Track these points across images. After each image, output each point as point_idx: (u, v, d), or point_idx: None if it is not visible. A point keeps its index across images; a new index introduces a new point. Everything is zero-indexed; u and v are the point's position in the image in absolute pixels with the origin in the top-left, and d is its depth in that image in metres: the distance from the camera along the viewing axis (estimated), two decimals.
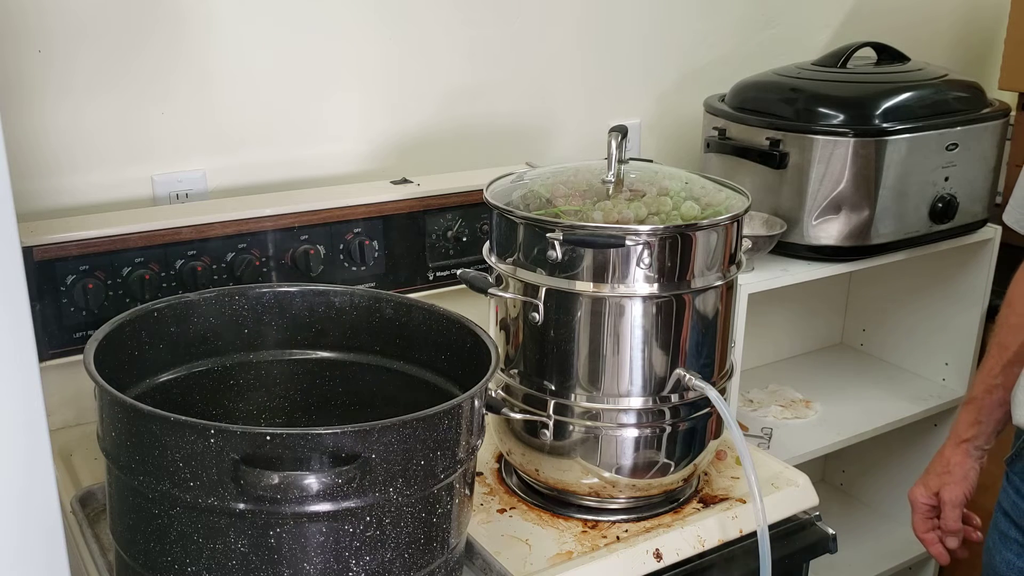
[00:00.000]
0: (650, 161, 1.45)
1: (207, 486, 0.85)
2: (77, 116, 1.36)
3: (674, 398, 1.17)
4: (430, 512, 0.94)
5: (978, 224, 1.86)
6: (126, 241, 1.29)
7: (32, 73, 1.31)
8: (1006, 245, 1.88)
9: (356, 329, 1.18)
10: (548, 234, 1.11)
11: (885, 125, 1.65)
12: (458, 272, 1.24)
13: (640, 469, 1.19)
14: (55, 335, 1.27)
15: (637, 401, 1.16)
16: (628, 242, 1.09)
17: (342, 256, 1.44)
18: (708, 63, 1.94)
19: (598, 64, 1.81)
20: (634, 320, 1.13)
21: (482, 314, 1.21)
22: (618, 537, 1.18)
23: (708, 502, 1.25)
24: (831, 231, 1.69)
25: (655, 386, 1.16)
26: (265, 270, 1.39)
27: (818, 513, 1.29)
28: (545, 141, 1.78)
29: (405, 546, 0.92)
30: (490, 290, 1.18)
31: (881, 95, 1.68)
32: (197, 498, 0.86)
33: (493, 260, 1.21)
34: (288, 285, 1.18)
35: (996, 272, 1.96)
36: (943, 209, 1.75)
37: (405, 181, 1.54)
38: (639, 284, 1.12)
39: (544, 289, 1.14)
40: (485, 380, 0.98)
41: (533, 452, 1.21)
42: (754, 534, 1.14)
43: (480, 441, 1.00)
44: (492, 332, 1.22)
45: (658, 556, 1.15)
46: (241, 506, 0.85)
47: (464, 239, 1.54)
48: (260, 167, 1.51)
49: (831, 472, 2.40)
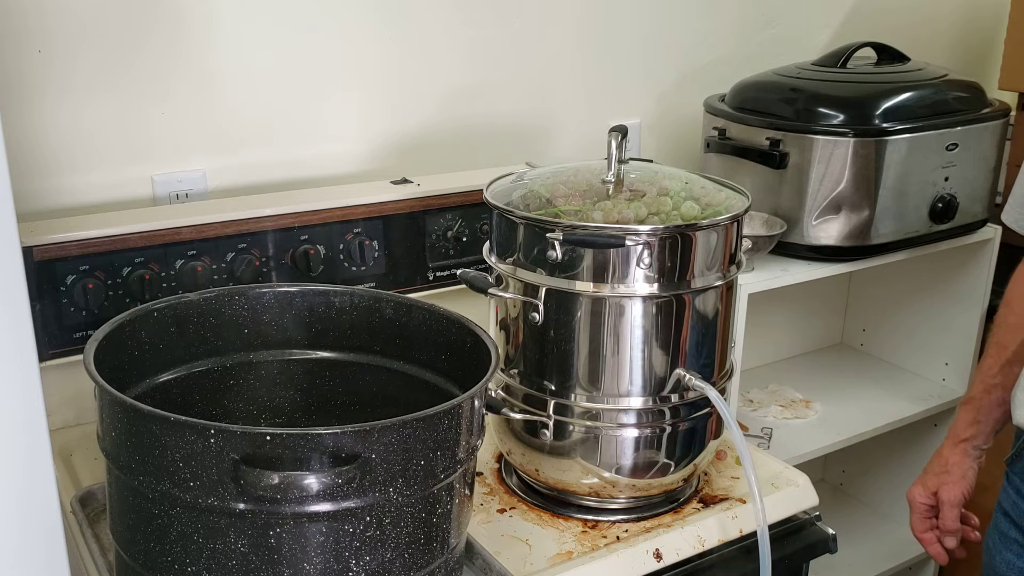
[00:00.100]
0: (650, 161, 1.45)
1: (207, 486, 0.85)
2: (77, 116, 1.36)
3: (674, 398, 1.17)
4: (430, 512, 0.94)
5: (978, 224, 1.86)
6: (126, 241, 1.29)
7: (32, 73, 1.31)
8: (1006, 245, 1.88)
9: (356, 329, 1.18)
10: (548, 234, 1.11)
11: (885, 125, 1.65)
12: (458, 272, 1.24)
13: (640, 469, 1.19)
14: (55, 335, 1.27)
15: (637, 401, 1.16)
16: (628, 242, 1.09)
17: (342, 256, 1.44)
18: (708, 63, 1.94)
19: (598, 64, 1.81)
20: (634, 320, 1.13)
21: (482, 314, 1.21)
22: (618, 537, 1.18)
23: (708, 502, 1.25)
24: (831, 231, 1.69)
25: (655, 386, 1.16)
26: (265, 270, 1.39)
27: (818, 513, 1.29)
28: (545, 141, 1.78)
29: (405, 546, 0.92)
30: (490, 290, 1.18)
31: (881, 95, 1.68)
32: (197, 498, 0.86)
33: (493, 260, 1.21)
34: (288, 285, 1.18)
35: (996, 272, 1.96)
36: (943, 209, 1.75)
37: (405, 181, 1.54)
38: (639, 284, 1.12)
39: (544, 289, 1.14)
40: (485, 380, 0.98)
41: (533, 452, 1.21)
42: (754, 534, 1.14)
43: (480, 441, 1.00)
44: (492, 332, 1.22)
45: (658, 556, 1.15)
46: (241, 506, 0.85)
47: (464, 239, 1.54)
48: (260, 167, 1.51)
49: (831, 472, 2.40)
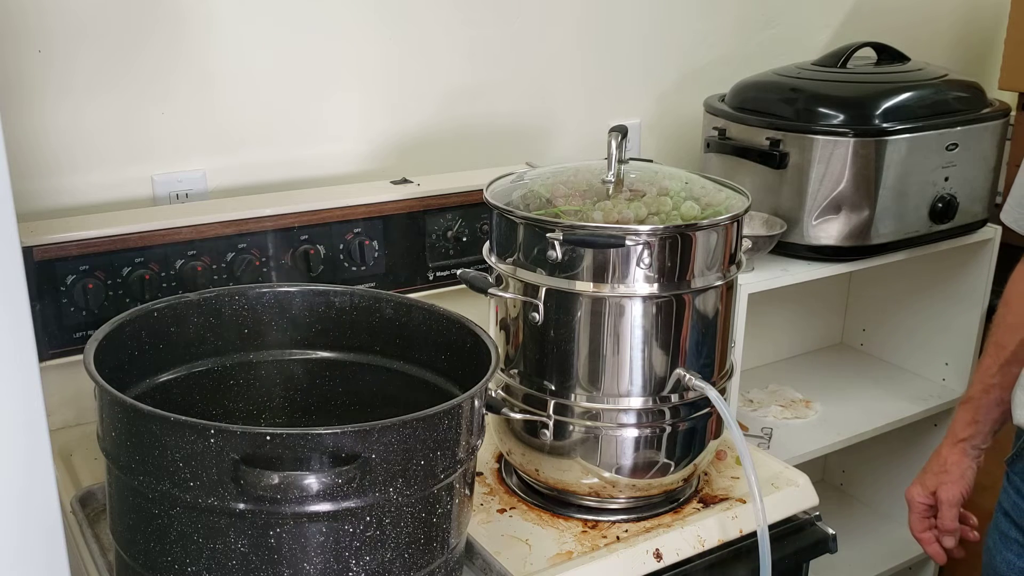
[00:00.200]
0: (650, 161, 1.45)
1: (207, 486, 0.85)
2: (77, 116, 1.36)
3: (674, 398, 1.17)
4: (430, 512, 0.94)
5: (978, 224, 1.86)
6: (126, 241, 1.29)
7: (32, 73, 1.31)
8: (1006, 245, 1.88)
9: (356, 329, 1.18)
10: (548, 234, 1.11)
11: (885, 125, 1.65)
12: (458, 272, 1.24)
13: (640, 469, 1.19)
14: (55, 335, 1.27)
15: (637, 401, 1.16)
16: (628, 242, 1.09)
17: (342, 256, 1.44)
18: (708, 63, 1.94)
19: (598, 64, 1.81)
20: (634, 320, 1.13)
21: (482, 314, 1.21)
22: (618, 537, 1.18)
23: (708, 502, 1.25)
24: (831, 231, 1.69)
25: (655, 386, 1.16)
26: (265, 270, 1.39)
27: (818, 513, 1.29)
28: (545, 141, 1.78)
29: (405, 546, 0.92)
30: (490, 290, 1.18)
31: (881, 95, 1.68)
32: (197, 498, 0.86)
33: (493, 260, 1.21)
34: (288, 285, 1.18)
35: (996, 272, 1.96)
36: (943, 209, 1.75)
37: (405, 181, 1.54)
38: (639, 284, 1.12)
39: (544, 289, 1.14)
40: (485, 380, 0.98)
41: (533, 452, 1.21)
42: (754, 534, 1.14)
43: (480, 441, 1.00)
44: (492, 332, 1.22)
45: (658, 556, 1.15)
46: (241, 506, 0.85)
47: (464, 239, 1.54)
48: (260, 167, 1.51)
49: (831, 472, 2.40)
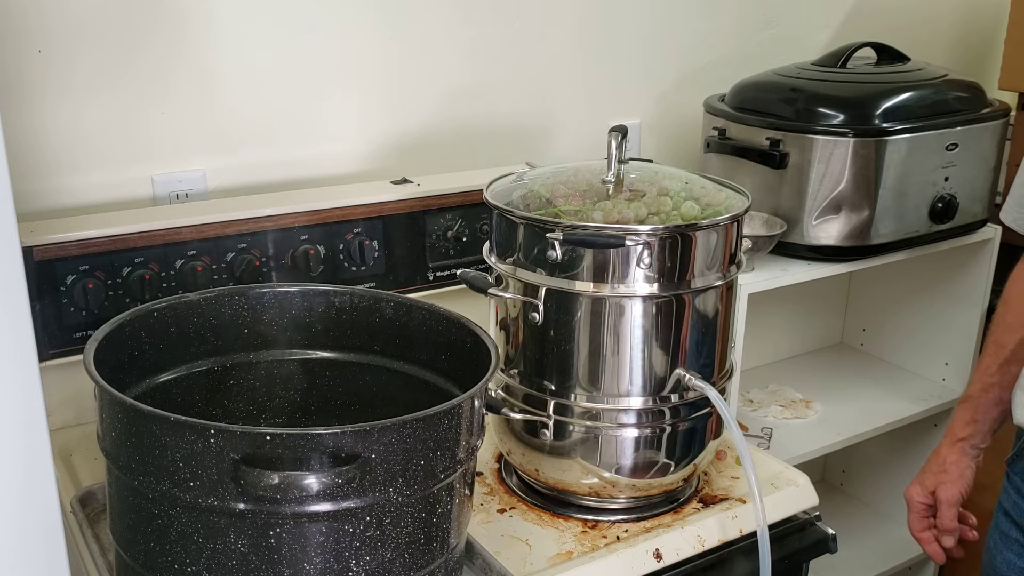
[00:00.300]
0: (650, 161, 1.45)
1: (207, 486, 0.85)
2: (77, 116, 1.36)
3: (674, 398, 1.17)
4: (430, 512, 0.94)
5: (978, 224, 1.86)
6: (126, 241, 1.29)
7: (32, 73, 1.31)
8: (1006, 245, 1.88)
9: (356, 329, 1.18)
10: (548, 234, 1.11)
11: (885, 125, 1.65)
12: (458, 272, 1.24)
13: (640, 469, 1.19)
14: (55, 335, 1.27)
15: (637, 401, 1.16)
16: (628, 242, 1.09)
17: (342, 256, 1.44)
18: (708, 63, 1.94)
19: (598, 64, 1.81)
20: (634, 320, 1.13)
21: (482, 314, 1.21)
22: (618, 537, 1.18)
23: (708, 502, 1.25)
24: (831, 231, 1.69)
25: (655, 386, 1.16)
26: (265, 270, 1.39)
27: (818, 513, 1.29)
28: (545, 141, 1.78)
29: (405, 546, 0.92)
30: (490, 290, 1.18)
31: (881, 95, 1.68)
32: (197, 498, 0.86)
33: (493, 260, 1.21)
34: (288, 285, 1.18)
35: (996, 272, 1.96)
36: (943, 209, 1.75)
37: (405, 181, 1.54)
38: (639, 284, 1.12)
39: (544, 289, 1.14)
40: (485, 380, 0.98)
41: (533, 452, 1.21)
42: (754, 534, 1.14)
43: (480, 441, 1.00)
44: (492, 332, 1.22)
45: (658, 556, 1.15)
46: (241, 506, 0.85)
47: (464, 239, 1.54)
48: (260, 167, 1.51)
49: (831, 472, 2.40)
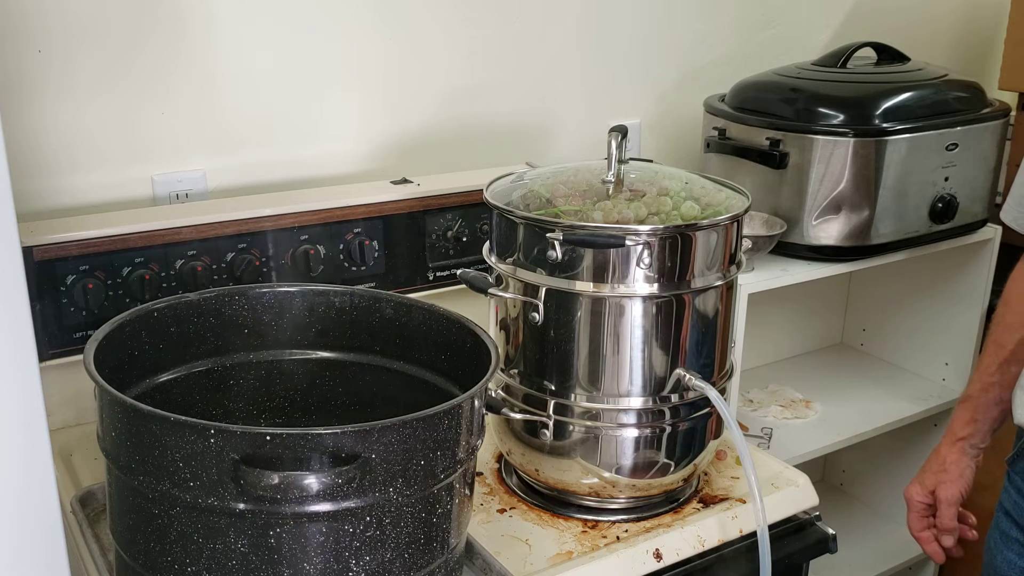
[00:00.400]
0: (650, 161, 1.45)
1: (207, 486, 0.85)
2: (77, 116, 1.36)
3: (674, 398, 1.17)
4: (430, 512, 0.94)
5: (978, 224, 1.86)
6: (126, 241, 1.29)
7: (32, 73, 1.31)
8: (1006, 245, 1.88)
9: (356, 329, 1.18)
10: (548, 234, 1.11)
11: (885, 125, 1.65)
12: (458, 272, 1.24)
13: (640, 469, 1.19)
14: (55, 335, 1.27)
15: (637, 401, 1.16)
16: (628, 242, 1.09)
17: (342, 256, 1.44)
18: (708, 63, 1.94)
19: (598, 64, 1.81)
20: (634, 320, 1.13)
21: (482, 314, 1.21)
22: (618, 537, 1.18)
23: (708, 502, 1.25)
24: (831, 231, 1.69)
25: (655, 386, 1.16)
26: (265, 270, 1.39)
27: (818, 513, 1.29)
28: (545, 141, 1.78)
29: (405, 546, 0.92)
30: (490, 290, 1.18)
31: (881, 95, 1.68)
32: (197, 498, 0.86)
33: (493, 260, 1.21)
34: (288, 285, 1.18)
35: (996, 272, 1.96)
36: (943, 209, 1.75)
37: (405, 181, 1.54)
38: (639, 284, 1.12)
39: (544, 289, 1.14)
40: (485, 380, 0.98)
41: (533, 452, 1.21)
42: (754, 534, 1.14)
43: (480, 441, 1.00)
44: (492, 332, 1.22)
45: (658, 556, 1.15)
46: (241, 506, 0.85)
47: (464, 239, 1.54)
48: (260, 167, 1.51)
49: (831, 472, 2.40)
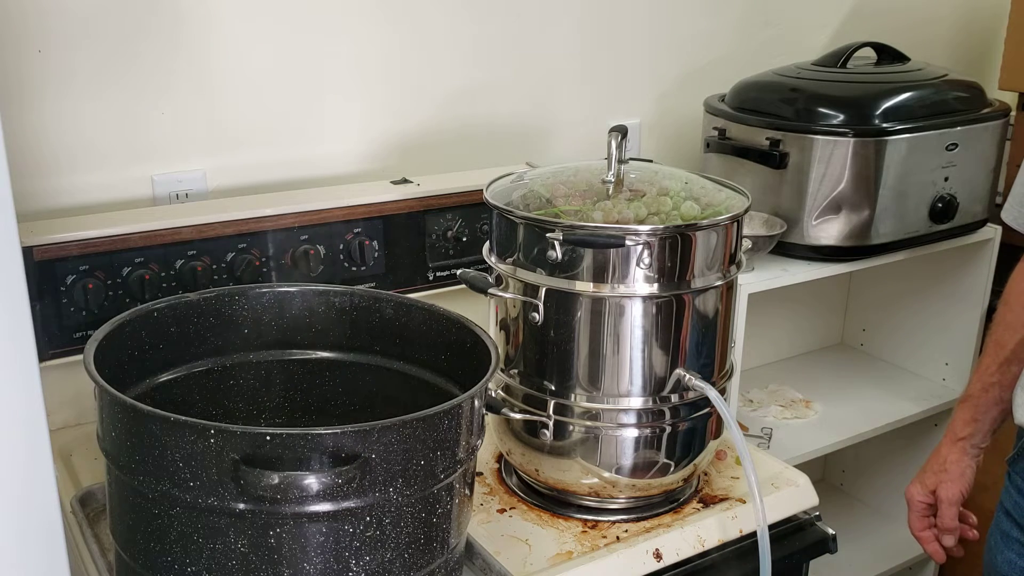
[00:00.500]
0: (650, 161, 1.45)
1: (207, 486, 0.85)
2: (77, 116, 1.36)
3: (674, 398, 1.17)
4: (430, 512, 0.94)
5: (978, 224, 1.86)
6: (126, 241, 1.29)
7: (32, 73, 1.31)
8: (1006, 245, 1.88)
9: (356, 329, 1.18)
10: (548, 234, 1.11)
11: (885, 125, 1.65)
12: (458, 272, 1.24)
13: (640, 469, 1.19)
14: (55, 335, 1.27)
15: (637, 401, 1.16)
16: (628, 242, 1.09)
17: (342, 256, 1.44)
18: (708, 63, 1.94)
19: (598, 64, 1.81)
20: (634, 320, 1.13)
21: (482, 314, 1.21)
22: (618, 537, 1.18)
23: (708, 502, 1.25)
24: (831, 231, 1.69)
25: (655, 386, 1.16)
26: (265, 270, 1.39)
27: (818, 513, 1.29)
28: (545, 141, 1.78)
29: (405, 546, 0.92)
30: (490, 290, 1.18)
31: (881, 95, 1.68)
32: (197, 498, 0.86)
33: (493, 260, 1.21)
34: (288, 285, 1.18)
35: (996, 272, 1.96)
36: (943, 209, 1.75)
37: (405, 181, 1.54)
38: (639, 284, 1.12)
39: (544, 289, 1.14)
40: (485, 380, 0.98)
41: (533, 452, 1.21)
42: (754, 534, 1.14)
43: (480, 441, 1.00)
44: (492, 332, 1.22)
45: (658, 556, 1.15)
46: (241, 506, 0.85)
47: (464, 239, 1.54)
48: (260, 167, 1.51)
49: (831, 472, 2.40)
